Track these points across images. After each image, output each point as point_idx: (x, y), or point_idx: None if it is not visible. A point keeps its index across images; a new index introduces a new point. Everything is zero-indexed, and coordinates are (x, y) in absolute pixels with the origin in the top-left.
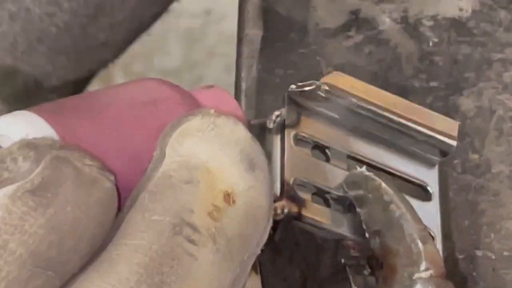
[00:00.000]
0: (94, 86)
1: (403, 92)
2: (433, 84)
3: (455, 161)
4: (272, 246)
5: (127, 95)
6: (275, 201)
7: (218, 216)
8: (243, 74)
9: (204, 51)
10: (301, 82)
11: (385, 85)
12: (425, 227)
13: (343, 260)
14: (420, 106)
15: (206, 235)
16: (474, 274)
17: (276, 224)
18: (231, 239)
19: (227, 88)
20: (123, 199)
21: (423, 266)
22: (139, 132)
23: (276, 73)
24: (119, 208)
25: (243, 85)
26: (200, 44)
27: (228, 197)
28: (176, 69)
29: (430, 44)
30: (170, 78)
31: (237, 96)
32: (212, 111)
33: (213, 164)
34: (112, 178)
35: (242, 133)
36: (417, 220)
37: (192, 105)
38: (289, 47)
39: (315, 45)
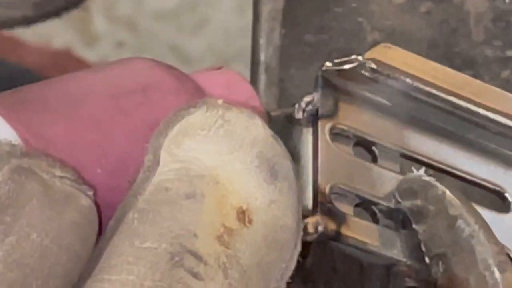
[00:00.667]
0: (67, 37)
1: (471, 64)
2: (511, 53)
3: None
4: (303, 276)
5: (109, 81)
6: (306, 217)
7: (229, 240)
8: (261, 41)
9: None
10: (342, 55)
11: (448, 55)
12: (503, 249)
13: None
14: (495, 88)
15: (214, 266)
16: None
17: (307, 247)
18: (248, 271)
19: (240, 39)
20: (105, 220)
21: None
22: (125, 130)
23: (306, 40)
24: (100, 233)
25: (262, 56)
26: None
27: (242, 216)
28: (172, 10)
29: (507, 0)
30: (164, 22)
31: (254, 71)
32: (220, 101)
33: (222, 172)
34: (91, 193)
35: (259, 130)
36: (493, 240)
37: (194, 94)
38: (322, 5)
39: (356, 2)
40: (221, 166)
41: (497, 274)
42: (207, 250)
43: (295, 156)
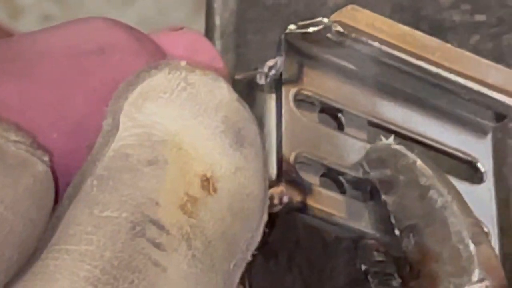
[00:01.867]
0: None
1: (438, 29)
2: (480, 17)
3: None
4: (267, 249)
5: (66, 41)
6: (270, 187)
7: (193, 209)
8: (216, 5)
9: None
10: (301, 19)
11: (414, 20)
12: (478, 221)
13: (363, 267)
14: (467, 53)
15: (177, 237)
16: None
17: (272, 219)
18: (212, 241)
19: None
20: (62, 187)
21: (475, 275)
22: (84, 92)
23: (263, 2)
24: (57, 201)
25: (217, 21)
26: None
27: (207, 184)
28: None
29: None
30: None
31: (208, 37)
32: (183, 63)
33: (185, 137)
34: (47, 158)
35: (224, 94)
36: (467, 211)
37: (154, 55)
38: None
39: None
40: (185, 131)
41: (471, 246)
42: (170, 219)
43: (258, 123)
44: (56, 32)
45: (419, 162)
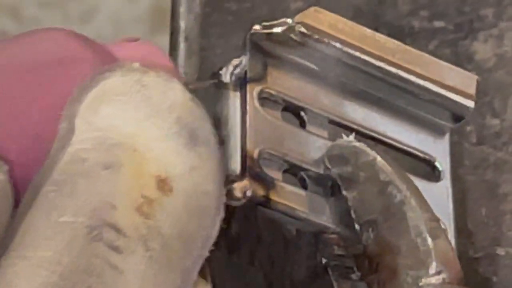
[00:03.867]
0: None
1: (398, 34)
2: (439, 24)
3: (469, 128)
4: (228, 243)
5: (23, 54)
6: (234, 181)
7: (149, 211)
8: (181, 9)
9: None
10: (266, 21)
11: (374, 25)
12: (435, 216)
13: (324, 260)
14: (427, 55)
15: (134, 239)
16: (495, 279)
17: (232, 213)
18: (169, 241)
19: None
20: (20, 195)
21: (433, 268)
22: (42, 103)
23: (227, 7)
24: (16, 207)
25: (182, 24)
26: None
27: (162, 184)
28: None
29: None
30: (50, 11)
31: (173, 40)
32: (136, 65)
33: (140, 139)
34: (6, 168)
35: (178, 94)
36: (425, 206)
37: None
38: None
39: None
40: (139, 133)
41: (429, 240)
42: (127, 222)
43: (222, 120)
44: (14, 44)
45: (379, 158)
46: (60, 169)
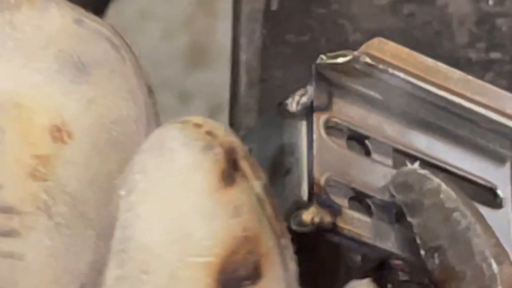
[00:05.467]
0: None
1: (454, 66)
2: (495, 55)
3: None
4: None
5: None
6: (302, 208)
7: (47, 171)
8: (242, 41)
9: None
10: (325, 53)
11: (431, 57)
12: (500, 242)
13: (389, 286)
14: (488, 84)
15: (32, 212)
16: None
17: (301, 238)
18: (78, 195)
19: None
20: None
21: None
22: None
23: (286, 40)
24: None
25: (243, 57)
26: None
27: (59, 134)
28: None
29: (490, 2)
30: None
31: (234, 71)
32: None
33: (22, 91)
34: None
35: (55, 23)
36: (490, 232)
37: None
38: (304, 6)
39: (338, 3)
40: (19, 84)
41: (494, 265)
42: (19, 195)
43: (288, 149)
44: None
45: (444, 186)
46: None
